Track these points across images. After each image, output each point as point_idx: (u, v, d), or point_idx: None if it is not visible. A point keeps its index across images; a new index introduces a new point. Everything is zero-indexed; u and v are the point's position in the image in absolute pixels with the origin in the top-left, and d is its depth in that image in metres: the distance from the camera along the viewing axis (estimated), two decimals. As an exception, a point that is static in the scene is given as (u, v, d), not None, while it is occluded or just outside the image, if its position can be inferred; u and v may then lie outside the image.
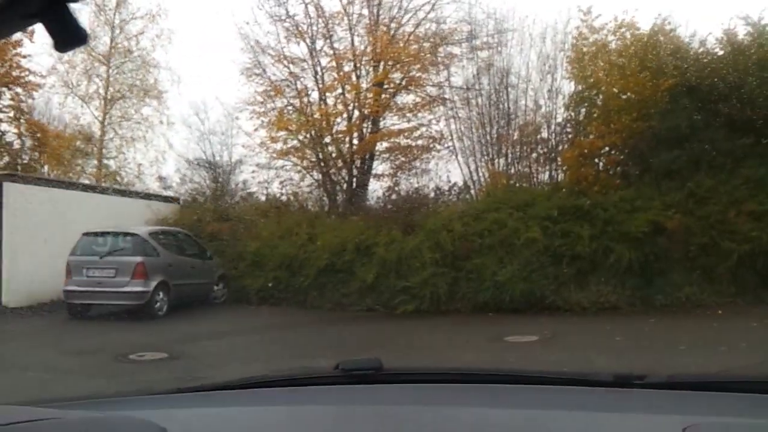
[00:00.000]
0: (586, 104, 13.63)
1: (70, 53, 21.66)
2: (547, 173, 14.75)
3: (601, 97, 13.20)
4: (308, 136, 16.16)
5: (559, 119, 14.76)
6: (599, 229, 11.61)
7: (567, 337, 9.28)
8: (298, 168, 16.64)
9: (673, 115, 11.93)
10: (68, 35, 0.88)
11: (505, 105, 15.62)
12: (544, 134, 14.99)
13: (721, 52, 12.62)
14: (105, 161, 22.48)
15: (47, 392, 6.10)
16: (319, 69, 16.45)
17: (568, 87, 14.46)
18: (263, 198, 17.04)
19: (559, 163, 14.26)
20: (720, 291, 10.97)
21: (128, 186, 20.29)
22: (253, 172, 17.45)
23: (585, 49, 13.50)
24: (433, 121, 16.57)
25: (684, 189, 11.78)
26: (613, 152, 13.10)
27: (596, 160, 13.32)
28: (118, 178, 21.76)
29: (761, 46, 12.12)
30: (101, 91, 22.48)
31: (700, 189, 11.71)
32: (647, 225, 11.35)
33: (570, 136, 14.20)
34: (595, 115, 13.33)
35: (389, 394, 1.82)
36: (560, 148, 14.36)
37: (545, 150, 14.81)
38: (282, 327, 11.50)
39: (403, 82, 16.47)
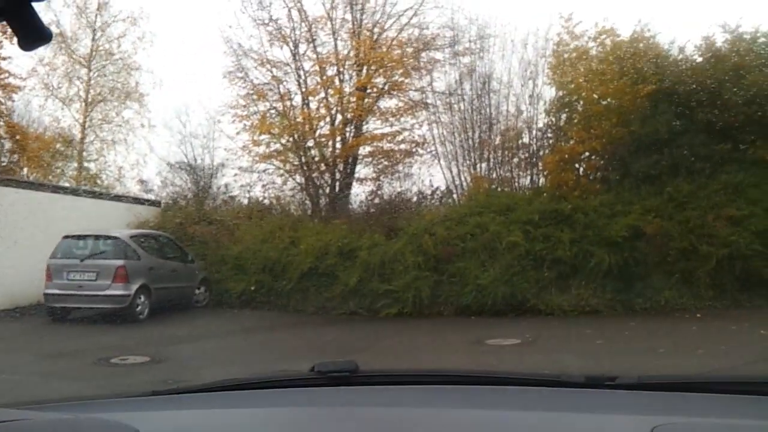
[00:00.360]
0: (566, 110, 13.78)
1: (49, 55, 21.47)
2: (529, 178, 14.88)
3: (581, 102, 13.35)
4: (291, 139, 16.15)
5: (541, 125, 14.94)
6: (579, 233, 11.74)
7: (548, 340, 9.37)
8: (281, 171, 16.62)
9: (652, 121, 12.10)
10: (32, 33, 0.90)
11: (487, 110, 15.76)
12: (526, 139, 15.14)
13: (699, 59, 12.82)
14: (85, 164, 22.28)
15: (24, 396, 6.05)
16: (302, 73, 16.47)
17: (549, 93, 14.63)
18: (245, 201, 16.98)
19: (540, 168, 14.38)
20: (699, 295, 11.13)
21: (109, 189, 20.12)
22: (236, 175, 17.42)
23: (566, 56, 13.66)
24: (416, 126, 16.67)
25: (663, 194, 11.96)
26: (593, 157, 13.23)
27: (577, 165, 13.45)
28: (99, 181, 21.58)
29: (738, 53, 12.35)
30: (82, 93, 22.30)
31: (679, 194, 11.89)
32: (627, 229, 11.50)
33: (551, 141, 14.34)
34: (575, 120, 13.48)
35: (364, 395, 1.83)
36: (541, 153, 14.50)
37: (526, 155, 14.94)
38: (264, 330, 11.48)
39: (386, 87, 16.53)
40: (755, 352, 7.53)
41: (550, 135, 14.47)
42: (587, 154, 13.15)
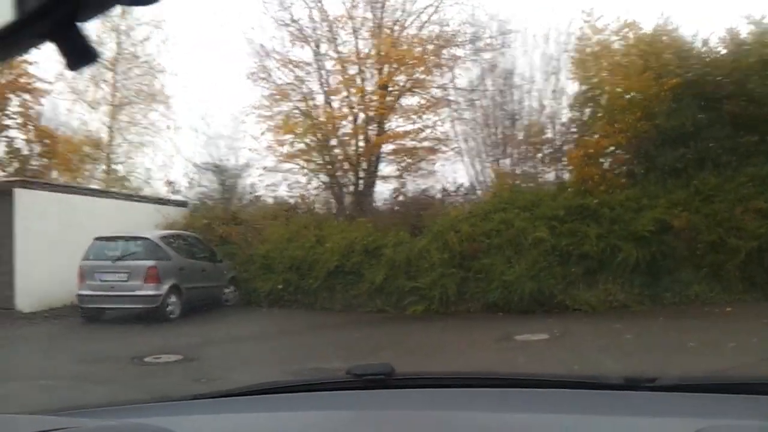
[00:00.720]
0: (590, 104, 13.71)
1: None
2: (553, 173, 14.84)
3: (605, 96, 13.28)
4: (314, 139, 16.27)
5: (564, 119, 14.88)
6: (606, 228, 11.70)
7: (576, 335, 9.37)
8: (305, 171, 16.76)
9: (677, 114, 12.01)
10: (79, 54, 0.88)
11: (510, 106, 15.74)
12: (549, 134, 15.10)
13: (724, 51, 12.70)
14: (114, 166, 22.62)
15: (62, 399, 6.18)
16: (323, 72, 16.58)
17: (573, 87, 14.57)
18: (271, 201, 17.13)
19: (565, 162, 14.35)
20: (728, 288, 11.03)
21: (137, 191, 20.42)
22: (261, 175, 17.57)
23: (588, 50, 13.60)
24: (438, 123, 16.69)
25: (690, 187, 11.88)
26: (618, 151, 13.17)
27: (602, 160, 13.38)
28: (127, 183, 21.90)
29: (764, 44, 12.20)
30: (108, 96, 22.62)
31: (706, 187, 11.80)
32: (654, 223, 11.43)
33: (575, 136, 14.27)
34: (599, 114, 13.40)
35: (401, 398, 1.84)
36: (565, 148, 14.44)
37: (550, 150, 14.90)
38: (292, 328, 11.63)
39: (408, 85, 16.57)
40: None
41: (574, 130, 14.41)
42: (612, 148, 13.08)
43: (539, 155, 15.10)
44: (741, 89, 12.02)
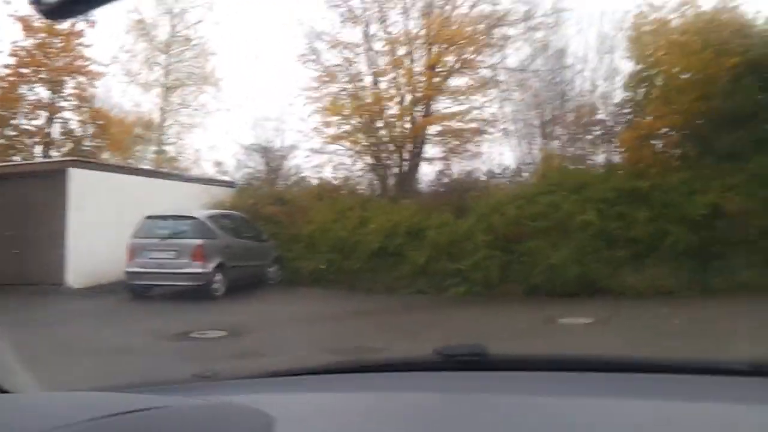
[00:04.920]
0: (645, 84, 13.29)
1: (129, 42, 22.29)
2: (603, 155, 14.47)
3: (661, 76, 12.87)
4: (360, 120, 16.26)
5: (617, 100, 14.46)
6: (657, 211, 11.38)
7: (622, 319, 9.17)
8: (350, 152, 16.77)
9: (736, 95, 11.55)
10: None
11: (561, 86, 15.38)
12: (601, 115, 14.71)
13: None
14: (164, 147, 23.14)
15: (119, 372, 6.31)
16: (372, 53, 16.50)
17: (627, 67, 14.13)
18: (316, 182, 17.23)
19: (616, 144, 13.98)
20: (782, 276, 10.60)
21: (186, 171, 20.83)
22: (307, 156, 17.67)
23: (645, 28, 13.17)
24: (486, 104, 16.44)
25: (746, 171, 11.41)
26: (672, 133, 12.77)
27: (654, 142, 13.00)
28: (177, 164, 22.38)
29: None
30: (161, 78, 23.10)
31: (763, 170, 11.30)
32: (706, 207, 11.07)
33: (628, 116, 13.87)
34: (654, 95, 13.00)
35: (496, 381, 1.73)
36: (617, 129, 14.06)
37: (602, 131, 14.52)
38: (336, 308, 11.68)
39: (457, 65, 16.35)
40: None
41: (627, 110, 14.00)
42: (666, 129, 12.69)
43: (589, 137, 14.74)
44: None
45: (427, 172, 16.59)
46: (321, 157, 17.07)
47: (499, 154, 15.97)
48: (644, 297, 10.57)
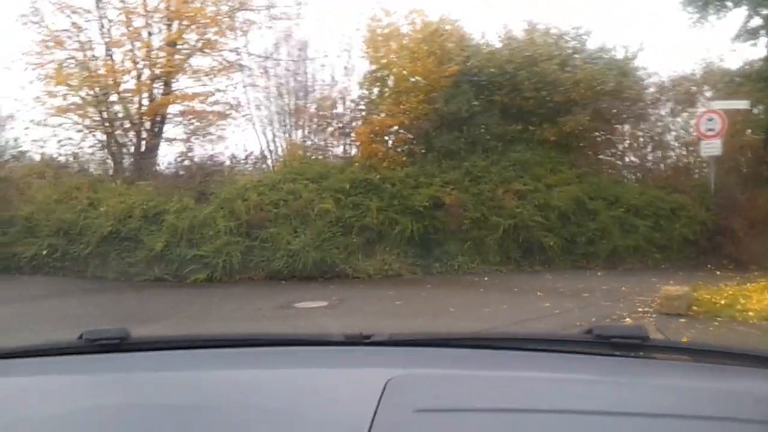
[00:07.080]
0: (378, 84, 14.28)
1: None
2: (342, 147, 15.26)
3: (392, 78, 13.93)
4: (91, 93, 14.96)
5: (354, 96, 15.31)
6: (387, 202, 12.37)
7: (353, 302, 9.85)
8: (79, 127, 15.34)
9: (454, 100, 13.02)
10: None
11: (304, 78, 15.83)
12: (340, 109, 15.46)
13: (499, 46, 14.02)
14: None
15: None
16: (105, 22, 15.25)
17: (363, 66, 15.02)
18: (38, 158, 15.46)
19: (353, 138, 14.81)
20: (488, 260, 12.35)
21: None
22: (27, 128, 15.76)
23: (379, 31, 14.11)
24: (231, 88, 16.24)
25: (461, 168, 13.00)
26: (401, 131, 13.92)
27: (386, 138, 14.05)
28: None
29: (533, 43, 13.70)
30: None
31: (475, 168, 13.01)
32: (428, 200, 12.34)
33: (363, 113, 14.78)
34: (386, 95, 14.03)
35: (134, 362, 1.83)
36: (354, 124, 14.90)
37: (340, 125, 15.27)
38: (55, 297, 10.55)
39: (199, 44, 15.86)
40: (531, 311, 8.57)
41: (362, 107, 14.90)
42: (396, 128, 13.78)
43: (329, 129, 15.40)
44: (511, 81, 13.36)
45: (167, 154, 15.87)
46: (44, 130, 15.37)
47: (244, 141, 15.96)
48: (374, 280, 11.50)
